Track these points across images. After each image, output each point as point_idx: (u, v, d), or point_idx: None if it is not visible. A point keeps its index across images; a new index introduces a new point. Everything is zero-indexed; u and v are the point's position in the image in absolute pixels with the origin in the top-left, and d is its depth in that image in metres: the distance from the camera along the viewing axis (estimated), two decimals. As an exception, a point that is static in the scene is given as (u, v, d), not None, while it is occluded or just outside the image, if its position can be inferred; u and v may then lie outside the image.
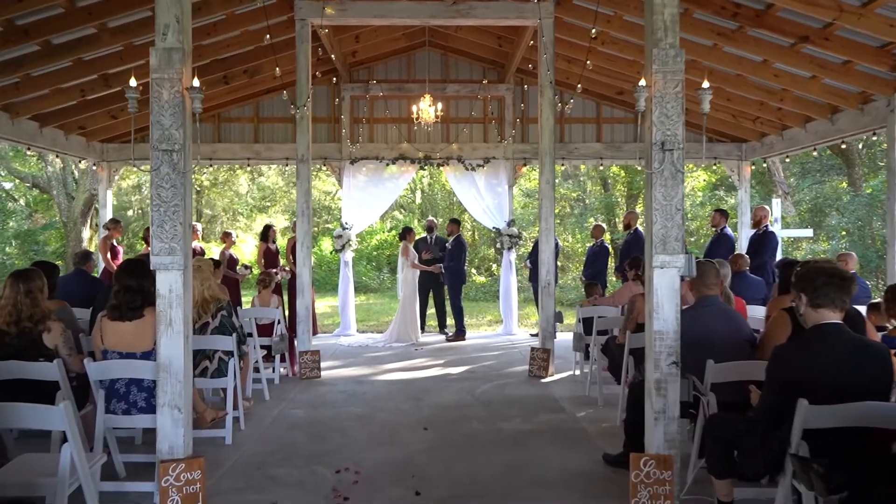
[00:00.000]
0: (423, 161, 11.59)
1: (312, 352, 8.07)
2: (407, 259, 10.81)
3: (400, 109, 11.71)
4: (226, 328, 5.66)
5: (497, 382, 7.82)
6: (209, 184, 30.95)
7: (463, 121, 11.72)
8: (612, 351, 6.28)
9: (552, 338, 8.18)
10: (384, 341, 10.63)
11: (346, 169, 11.52)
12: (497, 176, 11.65)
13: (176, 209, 4.13)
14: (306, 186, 8.16)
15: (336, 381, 7.96)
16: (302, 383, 7.81)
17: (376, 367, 8.82)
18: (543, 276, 8.20)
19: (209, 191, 31.22)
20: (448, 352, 9.95)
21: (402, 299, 10.82)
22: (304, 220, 8.18)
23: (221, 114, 11.66)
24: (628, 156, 11.80)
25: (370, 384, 7.80)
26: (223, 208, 31.28)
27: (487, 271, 21.63)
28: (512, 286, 11.63)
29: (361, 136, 11.65)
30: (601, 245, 10.94)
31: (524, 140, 11.82)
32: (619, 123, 11.90)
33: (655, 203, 4.18)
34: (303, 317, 8.14)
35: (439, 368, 8.69)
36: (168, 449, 4.11)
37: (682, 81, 4.19)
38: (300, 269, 8.21)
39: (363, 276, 21.66)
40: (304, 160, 8.17)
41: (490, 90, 11.63)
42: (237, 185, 30.31)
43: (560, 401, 6.95)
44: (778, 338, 4.34)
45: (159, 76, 4.14)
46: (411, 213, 25.81)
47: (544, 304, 8.20)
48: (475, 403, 6.89)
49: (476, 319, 14.61)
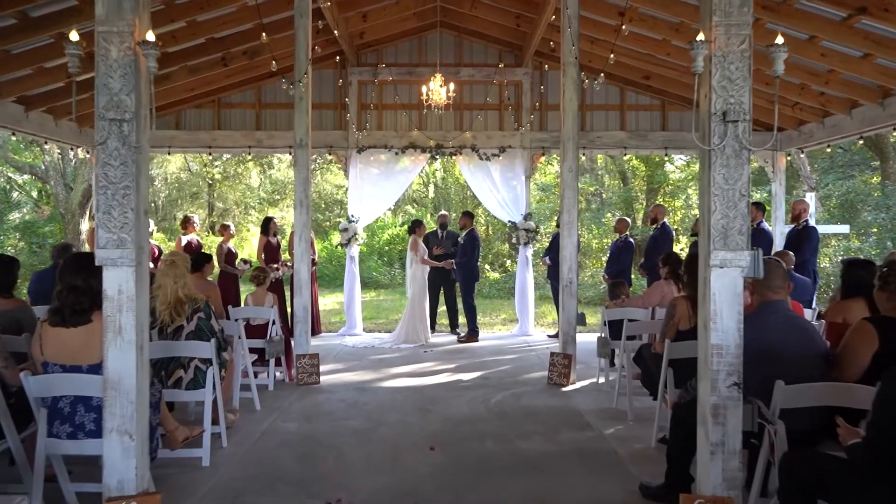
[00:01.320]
0: (435, 150, 10.78)
1: (311, 355, 7.31)
2: (416, 254, 10.02)
3: (410, 95, 10.90)
4: (203, 332, 4.90)
5: (513, 391, 7.02)
6: (220, 177, 30.36)
7: (477, 107, 10.89)
8: (645, 360, 5.45)
9: (574, 342, 7.36)
10: (391, 342, 9.85)
11: (353, 158, 10.73)
12: (513, 166, 10.82)
13: (126, 192, 3.35)
14: (305, 174, 7.38)
15: (336, 387, 7.19)
16: (299, 390, 7.05)
17: (381, 371, 8.04)
18: (565, 273, 7.37)
19: (220, 184, 30.65)
20: (460, 354, 9.15)
21: (410, 297, 10.03)
22: (303, 210, 7.40)
23: (222, 99, 10.91)
24: (653, 145, 10.91)
25: (373, 392, 7.02)
26: (235, 202, 30.64)
27: (501, 267, 20.78)
28: (528, 284, 10.80)
29: (369, 124, 10.86)
30: (625, 240, 10.09)
31: (543, 128, 10.97)
32: (644, 111, 11.01)
33: (714, 187, 3.35)
34: (300, 317, 7.37)
35: (450, 374, 7.90)
36: (117, 484, 3.36)
37: (749, 37, 3.35)
38: (298, 265, 7.45)
39: (374, 272, 20.91)
40: (303, 145, 7.39)
41: (507, 74, 10.79)
42: (248, 178, 29.65)
43: (584, 414, 6.13)
44: (862, 354, 3.54)
45: (106, 29, 3.35)
46: (424, 208, 25.01)
47: (565, 304, 7.37)
48: (489, 417, 6.09)
49: (490, 318, 13.81)
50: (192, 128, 10.89)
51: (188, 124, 10.91)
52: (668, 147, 10.90)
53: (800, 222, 8.73)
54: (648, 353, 5.35)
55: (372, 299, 17.44)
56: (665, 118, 10.93)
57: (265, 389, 6.94)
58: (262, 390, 6.89)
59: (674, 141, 10.85)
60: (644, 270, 9.70)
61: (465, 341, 10.08)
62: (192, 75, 9.77)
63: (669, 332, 4.93)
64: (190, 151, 11.74)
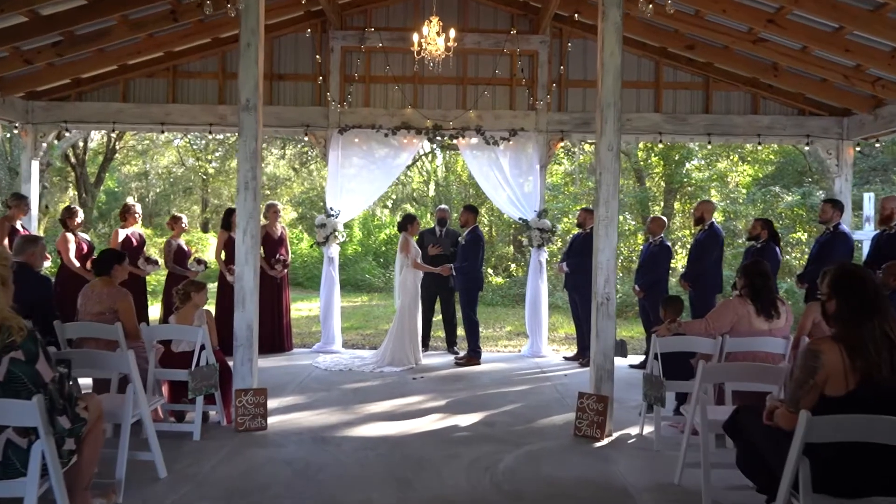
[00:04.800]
0: (433, 132, 8.72)
1: (256, 391, 5.25)
2: (408, 257, 7.97)
3: (404, 65, 8.85)
4: (18, 384, 2.84)
5: (529, 448, 4.95)
6: (214, 171, 28.35)
7: (484, 82, 8.83)
8: (751, 432, 3.32)
9: (611, 379, 5.29)
10: (374, 363, 7.79)
11: (334, 140, 8.68)
12: (526, 153, 8.76)
13: None
14: (252, 146, 5.33)
15: (287, 436, 5.13)
16: (235, 439, 5.00)
17: (353, 409, 5.97)
18: (600, 287, 5.29)
19: (214, 179, 28.63)
20: (457, 384, 7.09)
21: (399, 309, 7.97)
22: (249, 195, 5.35)
23: (178, 67, 8.86)
24: (694, 130, 8.84)
25: (335, 446, 4.95)
26: (230, 197, 28.71)
27: (505, 271, 18.68)
28: (542, 295, 8.73)
29: (354, 99, 8.82)
30: (661, 244, 8.01)
31: (562, 108, 8.91)
32: (683, 89, 8.94)
33: None
34: (243, 339, 5.31)
35: (443, 416, 5.83)
36: None
37: None
38: (241, 269, 5.38)
39: (367, 274, 18.86)
40: (250, 107, 5.34)
41: (520, 43, 8.73)
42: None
43: (636, 496, 4.07)
44: None
45: None
46: (424, 207, 22.94)
47: (600, 328, 5.30)
48: (498, 499, 4.03)
49: (493, 329, 11.73)
50: (141, 100, 8.85)
51: (137, 96, 8.87)
52: (711, 133, 8.82)
53: (892, 224, 6.67)
54: (755, 423, 3.26)
55: (363, 304, 15.37)
56: (709, 98, 8.87)
57: (187, 440, 4.90)
58: (182, 441, 4.85)
59: (719, 125, 8.79)
60: (686, 281, 7.63)
61: (463, 364, 8.02)
62: (135, 32, 7.73)
63: (807, 396, 2.86)
64: (139, 128, 9.64)
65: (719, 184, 17.66)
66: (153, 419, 5.24)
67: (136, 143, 25.84)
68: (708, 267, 7.51)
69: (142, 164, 28.89)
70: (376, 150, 8.81)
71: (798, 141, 8.96)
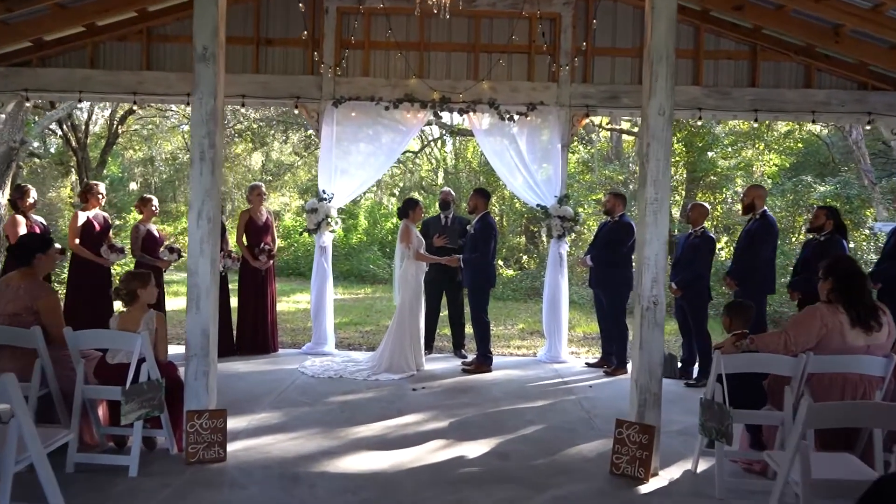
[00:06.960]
0: (439, 105, 7.54)
1: (213, 413, 4.13)
2: (408, 247, 6.82)
3: (408, 31, 7.67)
4: None
5: (554, 494, 3.80)
6: (219, 158, 27.32)
7: (498, 49, 7.63)
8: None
9: (658, 404, 4.13)
10: (369, 370, 6.66)
11: (327, 113, 7.52)
12: (546, 130, 7.58)
13: None
14: (210, 105, 4.18)
15: (250, 470, 4.01)
16: (184, 476, 3.88)
17: (337, 432, 4.83)
18: (646, 287, 4.12)
19: (219, 166, 27.61)
20: (463, 397, 5.94)
21: (399, 308, 6.82)
22: (206, 167, 4.20)
23: (152, 30, 7.68)
24: (739, 106, 7.60)
25: (308, 487, 3.82)
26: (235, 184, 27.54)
27: (517, 263, 17.50)
28: (562, 293, 7.56)
29: (351, 68, 7.65)
30: (703, 234, 6.82)
31: (587, 80, 7.69)
32: (727, 59, 7.70)
33: None
34: (197, 347, 4.18)
35: (446, 443, 4.68)
36: None
37: None
38: (195, 259, 4.24)
39: (372, 265, 17.74)
40: (208, 57, 4.19)
41: (540, 5, 7.50)
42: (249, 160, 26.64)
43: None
44: None
45: None
46: (432, 196, 21.75)
47: (644, 339, 4.13)
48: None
49: (504, 327, 10.58)
50: (112, 66, 7.69)
51: (107, 62, 7.72)
52: (758, 109, 7.58)
53: None
54: None
55: (365, 297, 14.25)
56: (756, 70, 7.62)
57: (122, 475, 3.80)
58: (115, 478, 3.75)
59: (767, 101, 7.55)
60: (733, 279, 6.43)
61: (472, 371, 6.87)
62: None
63: None
64: (108, 98, 8.49)
65: (744, 173, 16.38)
66: (87, 442, 4.17)
67: (141, 128, 24.82)
68: (759, 263, 6.32)
69: (147, 149, 27.86)
70: (376, 126, 7.64)
71: (858, 119, 7.71)
